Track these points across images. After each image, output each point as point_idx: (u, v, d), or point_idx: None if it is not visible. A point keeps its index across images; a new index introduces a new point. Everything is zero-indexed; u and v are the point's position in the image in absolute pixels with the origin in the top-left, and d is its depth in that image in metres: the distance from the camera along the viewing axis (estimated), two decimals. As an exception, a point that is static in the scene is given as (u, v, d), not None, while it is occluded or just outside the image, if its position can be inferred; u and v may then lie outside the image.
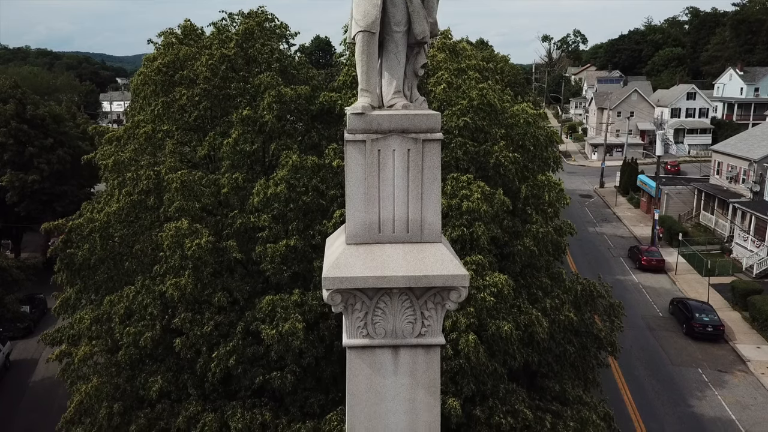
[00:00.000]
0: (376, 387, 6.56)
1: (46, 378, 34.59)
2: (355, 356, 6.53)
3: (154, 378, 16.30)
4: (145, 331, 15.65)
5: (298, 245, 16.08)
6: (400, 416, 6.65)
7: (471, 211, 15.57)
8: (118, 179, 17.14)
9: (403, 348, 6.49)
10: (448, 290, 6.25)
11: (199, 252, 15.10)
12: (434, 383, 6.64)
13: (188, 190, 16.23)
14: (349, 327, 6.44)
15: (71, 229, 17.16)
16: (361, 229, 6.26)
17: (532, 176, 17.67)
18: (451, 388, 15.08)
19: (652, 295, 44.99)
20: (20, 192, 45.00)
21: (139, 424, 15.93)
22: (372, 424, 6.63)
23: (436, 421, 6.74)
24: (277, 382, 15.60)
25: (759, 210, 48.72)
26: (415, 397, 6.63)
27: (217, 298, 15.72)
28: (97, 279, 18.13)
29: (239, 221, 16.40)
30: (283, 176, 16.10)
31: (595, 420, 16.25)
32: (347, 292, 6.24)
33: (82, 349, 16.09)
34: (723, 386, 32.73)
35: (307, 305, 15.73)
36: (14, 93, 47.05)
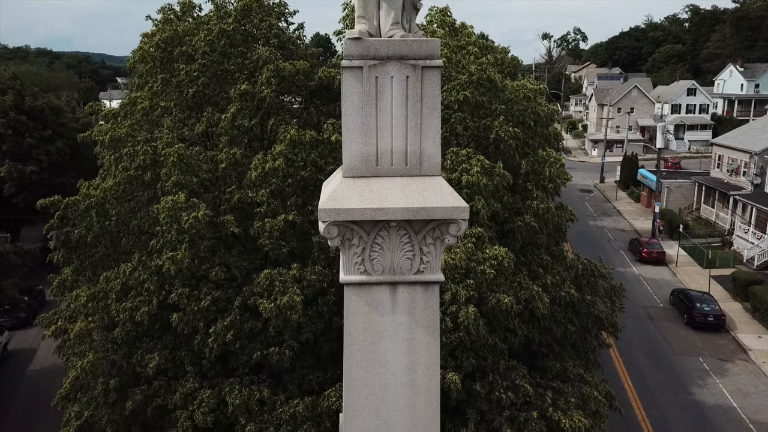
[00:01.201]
0: (374, 326, 6.41)
1: (45, 367, 34.48)
2: (353, 294, 6.38)
3: (150, 355, 16.15)
4: (142, 306, 15.49)
5: (296, 220, 15.92)
6: (399, 356, 6.50)
7: (471, 186, 15.41)
8: (114, 155, 16.98)
9: (401, 285, 6.34)
10: (448, 224, 6.10)
11: (196, 225, 14.94)
12: (433, 322, 6.49)
13: (185, 164, 16.07)
14: (346, 263, 6.29)
15: (67, 206, 17.00)
16: (358, 161, 6.11)
17: (533, 152, 17.51)
18: (450, 363, 14.92)
19: (653, 286, 44.84)
20: (18, 183, 44.86)
21: (136, 400, 15.77)
22: (370, 364, 6.48)
23: (435, 361, 6.59)
24: (275, 358, 15.44)
25: (760, 202, 48.60)
26: (413, 336, 6.48)
27: (215, 273, 15.57)
28: (94, 257, 17.98)
29: (237, 196, 16.25)
30: (281, 151, 15.94)
31: (596, 396, 16.10)
32: (344, 225, 6.09)
33: (78, 326, 15.92)
34: (724, 374, 32.58)
35: (306, 280, 15.57)
36: (13, 84, 46.91)
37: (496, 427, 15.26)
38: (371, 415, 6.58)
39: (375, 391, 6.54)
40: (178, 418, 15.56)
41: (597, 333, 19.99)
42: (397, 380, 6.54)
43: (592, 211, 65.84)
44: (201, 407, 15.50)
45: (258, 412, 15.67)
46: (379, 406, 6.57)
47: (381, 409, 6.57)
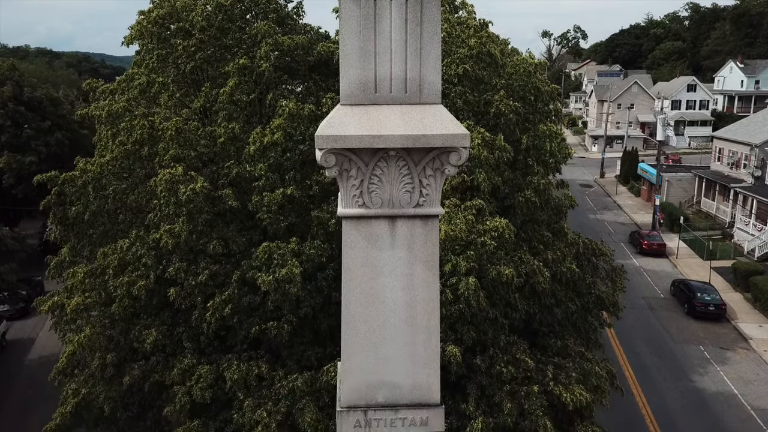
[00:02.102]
0: (373, 261, 6.27)
1: (43, 356, 34.36)
2: (351, 228, 6.24)
3: (148, 331, 16.01)
4: (139, 280, 15.35)
5: (295, 195, 15.79)
6: (398, 292, 6.36)
7: (471, 158, 15.28)
8: (111, 130, 16.84)
9: (400, 219, 6.20)
10: (448, 152, 5.97)
11: (193, 198, 14.81)
12: (433, 258, 6.35)
13: (183, 138, 15.94)
14: (344, 196, 6.15)
15: (64, 181, 16.86)
16: (356, 88, 5.98)
17: (533, 127, 17.37)
18: (451, 336, 14.79)
19: (653, 277, 44.72)
20: (17, 174, 44.67)
21: (133, 375, 15.65)
22: (368, 300, 6.34)
23: (435, 298, 6.45)
24: (273, 332, 15.30)
25: (761, 194, 48.47)
26: (412, 272, 6.34)
27: (212, 246, 15.43)
28: (92, 235, 17.85)
29: (235, 171, 16.11)
30: (280, 124, 15.80)
31: (598, 371, 15.96)
32: (341, 154, 5.96)
33: (74, 300, 15.79)
34: (725, 362, 32.46)
35: (305, 255, 15.43)
36: (11, 75, 46.79)
37: (497, 402, 15.12)
38: (370, 354, 6.45)
39: (373, 329, 6.40)
40: (176, 394, 15.43)
41: (598, 313, 19.84)
42: (396, 317, 6.40)
43: (593, 205, 65.71)
44: (199, 383, 15.36)
45: (256, 387, 15.53)
46: (378, 344, 6.43)
47: (380, 347, 6.43)
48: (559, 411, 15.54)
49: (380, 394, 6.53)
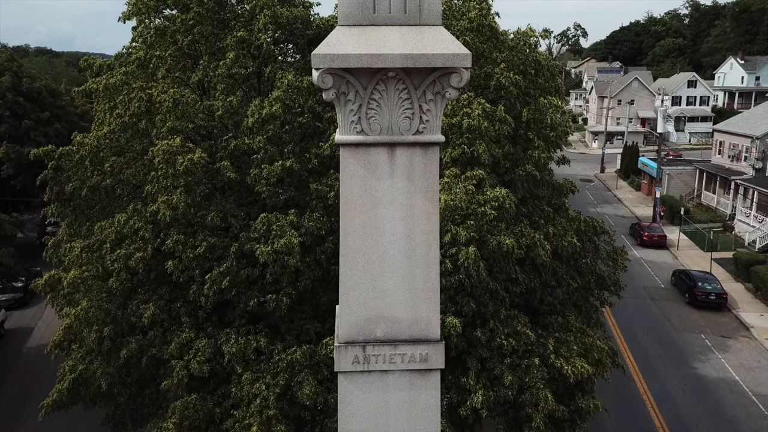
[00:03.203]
0: (371, 191, 6.13)
1: (41, 345, 34.11)
2: (349, 156, 6.10)
3: (146, 305, 15.87)
4: (136, 252, 15.20)
5: (294, 167, 15.64)
6: (397, 224, 6.22)
7: (472, 130, 15.13)
8: (109, 104, 16.70)
9: (399, 147, 6.06)
10: (449, 74, 5.82)
11: (191, 168, 14.67)
12: (432, 188, 6.21)
13: (181, 110, 15.80)
14: (341, 122, 6.01)
15: (61, 155, 16.71)
16: (355, 8, 5.84)
17: (534, 101, 17.22)
18: (450, 308, 14.65)
19: (654, 268, 44.58)
20: (16, 165, 44.58)
21: (130, 349, 15.50)
22: (366, 231, 6.20)
23: (434, 229, 6.31)
24: (272, 305, 15.15)
25: (762, 185, 48.32)
26: (412, 202, 6.20)
27: (210, 218, 15.28)
28: (89, 212, 17.71)
29: (233, 144, 15.97)
30: (278, 96, 15.66)
31: (599, 345, 15.82)
32: (339, 76, 5.81)
33: (71, 273, 15.64)
34: (726, 350, 32.32)
35: (304, 227, 15.28)
36: (10, 66, 46.66)
37: (497, 375, 14.99)
38: (368, 287, 6.30)
39: (372, 261, 6.26)
40: (173, 368, 15.28)
41: (599, 293, 19.71)
42: (395, 249, 6.26)
43: (593, 199, 65.57)
44: (197, 356, 15.23)
45: (255, 361, 15.40)
46: (376, 276, 6.29)
47: (379, 280, 6.29)
48: (560, 385, 15.41)
49: (379, 329, 6.39)
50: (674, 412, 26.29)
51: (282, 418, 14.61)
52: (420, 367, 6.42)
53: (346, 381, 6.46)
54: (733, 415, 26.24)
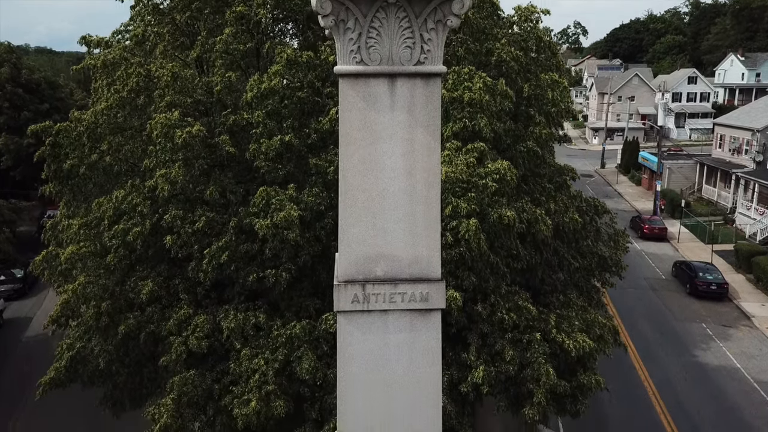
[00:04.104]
0: (371, 124, 6.01)
1: (40, 334, 34.03)
2: (348, 87, 5.98)
3: (144, 282, 15.75)
4: (134, 227, 15.08)
5: (293, 142, 15.50)
6: (397, 159, 6.10)
7: (473, 103, 15.01)
8: (107, 80, 16.58)
9: (400, 78, 5.94)
10: (450, 0, 5.72)
11: (190, 141, 14.54)
12: (434, 122, 6.09)
13: (180, 85, 15.68)
14: (340, 51, 5.89)
15: (58, 132, 16.59)
16: (355, -66, 5.75)
17: (535, 77, 17.11)
18: (451, 282, 14.52)
19: (654, 260, 44.49)
20: (15, 156, 44.45)
21: (128, 324, 15.37)
22: (366, 167, 6.08)
23: (435, 166, 6.19)
24: (271, 281, 15.01)
25: (763, 178, 48.22)
26: (413, 137, 6.08)
27: (209, 192, 15.15)
28: (87, 190, 17.59)
29: (232, 119, 15.84)
30: (278, 71, 15.54)
31: (601, 321, 15.70)
32: (338, 2, 5.67)
33: (69, 249, 15.51)
34: (728, 339, 32.21)
35: (303, 202, 15.14)
36: (9, 58, 46.54)
37: (498, 350, 14.87)
38: (368, 225, 6.19)
39: (372, 198, 6.15)
40: (172, 344, 15.15)
41: (601, 274, 19.60)
42: (395, 186, 6.14)
43: (593, 194, 65.04)
44: (195, 332, 15.10)
45: (254, 337, 15.27)
46: (376, 213, 6.17)
47: (378, 217, 6.18)
48: (561, 361, 15.28)
49: (379, 268, 6.27)
50: (675, 399, 26.19)
51: (281, 394, 14.50)
52: (420, 307, 6.30)
53: (346, 321, 6.34)
54: (735, 401, 26.13)
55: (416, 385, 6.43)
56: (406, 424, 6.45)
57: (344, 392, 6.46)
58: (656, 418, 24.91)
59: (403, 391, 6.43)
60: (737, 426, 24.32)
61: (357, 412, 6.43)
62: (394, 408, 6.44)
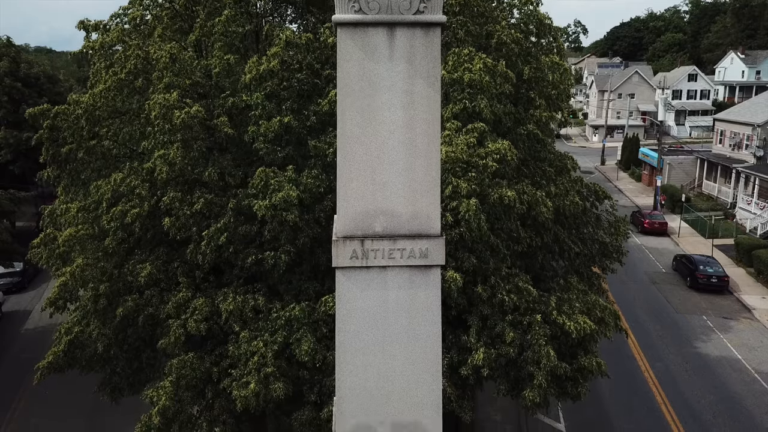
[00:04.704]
0: (370, 75, 5.93)
1: (39, 326, 34.08)
2: (346, 37, 5.89)
3: (142, 265, 15.66)
4: (132, 209, 14.99)
5: (292, 124, 15.41)
6: (396, 111, 6.02)
7: (473, 84, 14.92)
8: (105, 62, 16.49)
9: (399, 27, 5.86)
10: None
11: (188, 121, 14.44)
12: (434, 73, 6.01)
13: (178, 67, 15.58)
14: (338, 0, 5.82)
15: (56, 115, 16.49)
16: None
17: (535, 60, 17.01)
18: (451, 263, 14.42)
19: (655, 254, 44.39)
20: (15, 150, 44.35)
21: (127, 307, 15.27)
22: (365, 119, 6.00)
23: (435, 119, 6.11)
24: (270, 262, 14.92)
25: (763, 172, 48.12)
26: (412, 89, 6.00)
27: (208, 173, 15.06)
28: (86, 174, 17.50)
29: (231, 101, 15.75)
30: (276, 52, 15.44)
31: (602, 303, 15.61)
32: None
33: (67, 231, 15.42)
34: (728, 331, 32.11)
35: (303, 184, 15.05)
36: (8, 52, 46.41)
37: (499, 333, 14.77)
38: (367, 179, 6.11)
39: (371, 151, 6.07)
40: (170, 327, 15.06)
41: (601, 259, 19.50)
42: (394, 139, 6.06)
43: (593, 190, 65.27)
44: (194, 315, 15.02)
45: (252, 319, 15.18)
46: (375, 167, 6.09)
47: (377, 172, 6.10)
48: (562, 343, 15.19)
49: (378, 223, 6.19)
50: (676, 389, 26.10)
51: (280, 376, 14.41)
52: (420, 263, 6.23)
53: (344, 278, 6.26)
54: (735, 391, 26.03)
55: (415, 343, 6.35)
56: (405, 382, 6.38)
57: (342, 350, 6.38)
58: (657, 407, 24.82)
59: (403, 348, 6.35)
60: (738, 415, 24.23)
61: (355, 370, 6.36)
62: (393, 366, 6.36)
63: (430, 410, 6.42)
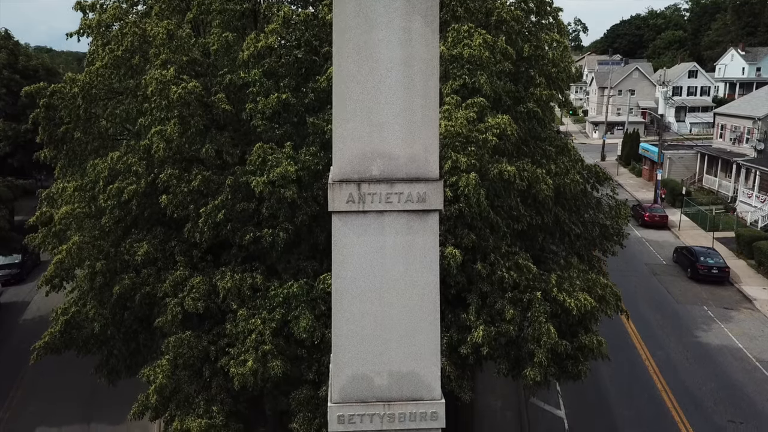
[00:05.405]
0: (366, 11, 5.79)
1: (37, 316, 33.97)
2: (343, -29, 5.77)
3: (139, 243, 15.53)
4: (129, 186, 14.86)
5: (290, 101, 15.29)
6: (394, 49, 5.87)
7: (472, 60, 14.79)
8: (102, 40, 16.36)
9: (396, -38, 5.73)
10: None
11: (185, 96, 14.31)
12: (433, 10, 5.87)
13: (176, 44, 15.45)
14: (334, -68, 5.70)
15: (53, 93, 16.37)
16: None
17: (535, 37, 16.88)
18: (450, 240, 14.30)
19: (655, 247, 44.27)
20: (13, 142, 44.21)
21: (123, 285, 15.14)
22: (361, 57, 5.84)
23: (434, 58, 5.97)
24: (268, 240, 14.79)
25: (764, 165, 47.97)
26: (410, 26, 5.86)
27: (205, 150, 14.93)
28: (83, 155, 17.38)
29: (228, 78, 15.62)
30: (274, 29, 15.32)
31: (602, 281, 15.47)
32: None
33: (63, 209, 15.29)
34: (729, 321, 31.98)
35: (301, 161, 14.92)
36: (6, 44, 46.29)
37: (498, 310, 14.63)
38: (364, 120, 5.98)
39: (367, 90, 5.93)
40: (167, 305, 14.92)
41: (602, 242, 19.37)
42: (391, 78, 5.93)
43: (593, 185, 65.14)
44: (191, 293, 14.87)
45: (250, 297, 15.04)
46: (371, 108, 5.96)
47: (374, 112, 5.96)
48: (562, 322, 15.05)
49: (375, 166, 6.06)
50: (677, 377, 25.96)
51: (278, 354, 14.27)
52: (418, 208, 6.09)
53: (341, 223, 6.13)
54: (737, 379, 25.91)
55: (413, 290, 6.22)
56: (402, 330, 6.24)
57: (339, 297, 6.25)
58: (657, 395, 24.68)
59: (400, 296, 6.22)
60: (739, 402, 24.09)
61: (352, 317, 6.22)
62: (390, 313, 6.23)
63: (428, 359, 6.29)
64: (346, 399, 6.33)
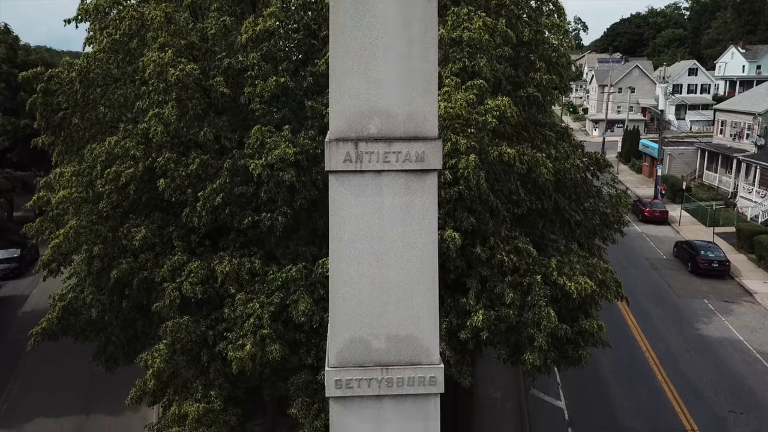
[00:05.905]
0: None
1: (36, 310, 33.89)
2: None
3: (137, 228, 15.43)
4: (126, 169, 14.77)
5: (288, 85, 15.20)
6: (393, 1, 5.78)
7: (472, 43, 14.70)
8: (100, 24, 16.28)
9: None
10: None
11: (183, 78, 14.22)
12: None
13: (174, 28, 15.36)
14: None
15: (50, 77, 16.28)
16: None
17: (535, 22, 16.80)
18: (449, 223, 14.21)
19: (656, 242, 44.18)
20: (13, 137, 44.08)
21: (121, 269, 15.05)
22: (358, 10, 5.70)
23: (433, 10, 5.88)
24: (267, 224, 14.69)
25: (765, 160, 47.89)
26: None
27: (203, 133, 14.83)
28: (80, 141, 17.29)
29: (226, 62, 15.53)
30: (273, 12, 15.23)
31: (603, 266, 15.38)
32: None
33: (60, 193, 15.21)
34: (730, 314, 31.90)
35: (299, 145, 14.82)
36: (5, 38, 46.18)
37: (498, 294, 14.53)
38: (360, 77, 5.88)
39: (365, 46, 5.83)
40: (165, 290, 14.83)
41: (602, 230, 19.28)
42: (389, 32, 5.82)
43: (594, 181, 65.07)
44: (189, 278, 14.78)
45: (249, 282, 14.95)
46: (369, 63, 5.86)
47: (371, 68, 5.87)
48: (563, 306, 14.96)
49: (372, 125, 5.96)
50: (678, 369, 25.88)
51: (276, 338, 14.18)
52: (416, 167, 5.99)
53: (338, 183, 6.03)
54: (737, 371, 25.82)
55: (411, 252, 6.12)
56: (400, 292, 6.15)
57: (336, 259, 6.15)
58: (658, 386, 24.60)
59: (398, 258, 6.12)
60: (740, 393, 24.01)
61: (349, 280, 6.13)
62: (388, 276, 6.13)
63: (427, 322, 6.19)
64: (344, 363, 6.24)
